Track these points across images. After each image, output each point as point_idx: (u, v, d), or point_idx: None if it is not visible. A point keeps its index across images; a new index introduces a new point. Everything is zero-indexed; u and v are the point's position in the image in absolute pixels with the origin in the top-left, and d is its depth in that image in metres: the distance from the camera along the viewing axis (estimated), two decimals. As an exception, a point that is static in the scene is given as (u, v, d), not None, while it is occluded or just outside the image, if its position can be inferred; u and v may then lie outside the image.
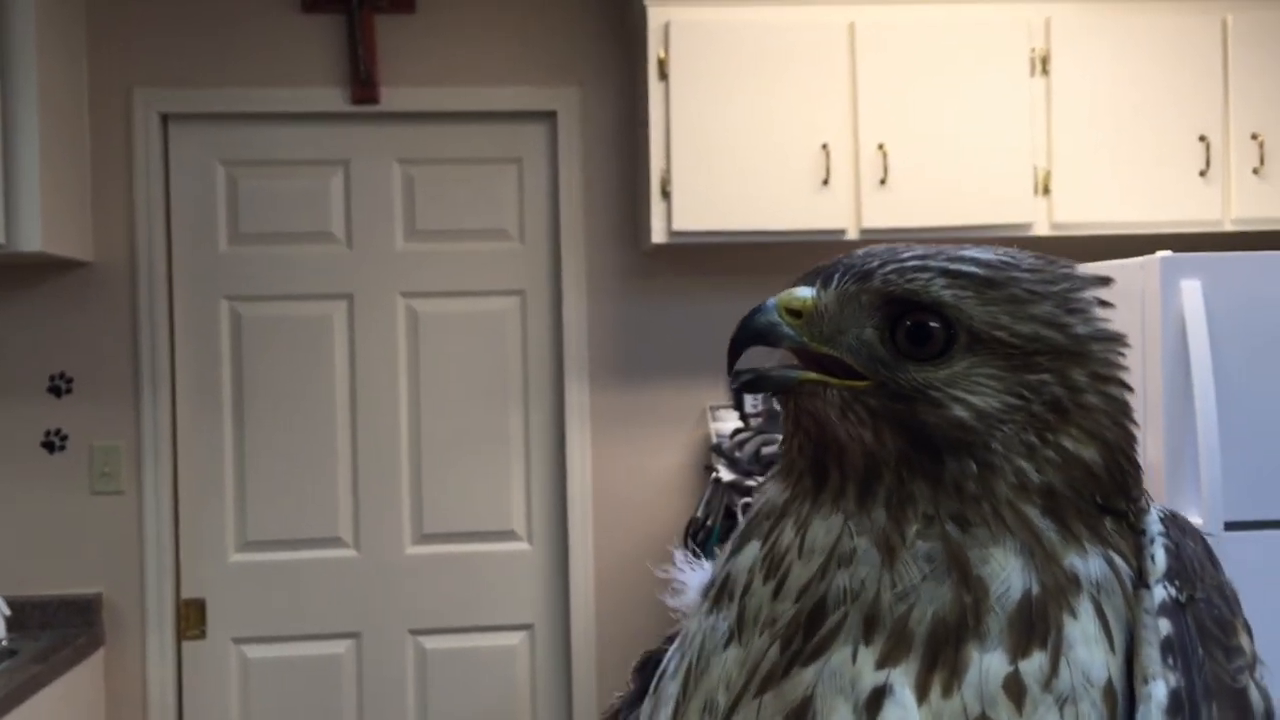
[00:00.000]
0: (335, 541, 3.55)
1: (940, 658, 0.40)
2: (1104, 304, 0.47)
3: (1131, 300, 2.71)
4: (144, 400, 3.45)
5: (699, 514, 3.42)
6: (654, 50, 3.25)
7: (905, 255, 0.44)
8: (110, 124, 3.47)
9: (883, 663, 0.40)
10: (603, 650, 3.59)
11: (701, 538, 3.38)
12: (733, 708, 0.43)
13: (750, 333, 0.47)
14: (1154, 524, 0.45)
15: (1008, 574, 0.41)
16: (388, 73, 3.53)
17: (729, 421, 3.55)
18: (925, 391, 0.43)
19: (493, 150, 3.62)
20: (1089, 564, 0.43)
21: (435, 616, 3.58)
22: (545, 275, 3.63)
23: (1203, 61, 3.36)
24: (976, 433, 0.42)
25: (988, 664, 0.40)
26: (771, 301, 0.46)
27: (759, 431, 3.40)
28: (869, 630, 0.41)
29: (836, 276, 0.45)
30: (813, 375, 0.45)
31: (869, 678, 0.40)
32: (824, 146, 3.24)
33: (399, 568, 3.57)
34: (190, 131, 3.53)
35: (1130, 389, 0.47)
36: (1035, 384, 0.44)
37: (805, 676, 0.41)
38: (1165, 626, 0.41)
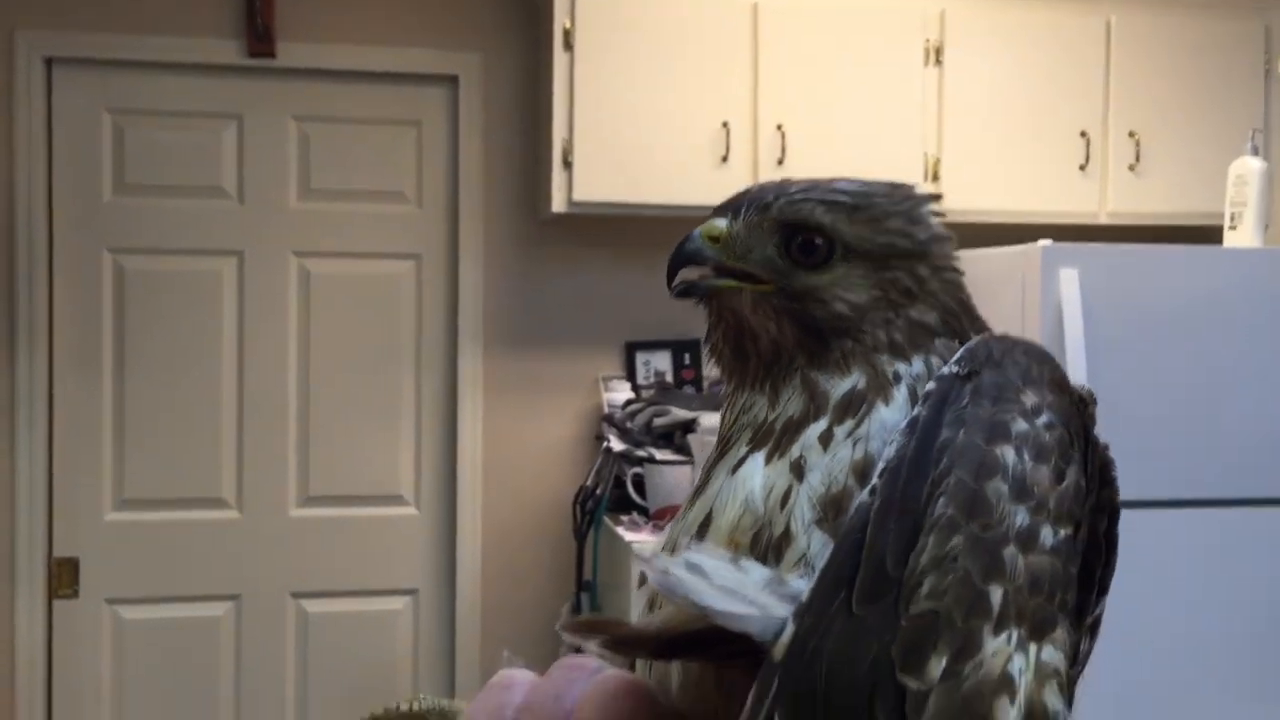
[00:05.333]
0: (217, 502, 3.49)
1: (785, 438, 0.54)
2: (937, 214, 0.60)
3: (1013, 286, 2.82)
4: (19, 353, 3.34)
5: (589, 483, 3.45)
6: (560, 20, 3.25)
7: (793, 190, 0.59)
8: (-10, 64, 3.33)
9: (752, 448, 0.55)
10: (487, 617, 3.61)
11: (591, 506, 3.41)
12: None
13: (682, 256, 0.61)
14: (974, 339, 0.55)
15: (843, 383, 0.55)
16: (285, 27, 3.46)
17: (621, 392, 3.59)
18: (814, 292, 0.58)
19: (392, 112, 3.58)
20: (912, 366, 0.56)
21: (318, 580, 3.54)
22: (442, 240, 3.61)
23: (1087, 60, 3.50)
24: (852, 320, 0.57)
25: (810, 430, 0.54)
26: (696, 232, 0.60)
27: (651, 403, 3.44)
28: (751, 434, 0.55)
29: (743, 209, 0.59)
30: (731, 282, 0.59)
31: (739, 454, 0.55)
32: (725, 124, 3.29)
33: (282, 530, 3.52)
34: (75, 76, 3.41)
35: (961, 273, 0.60)
36: (891, 280, 0.58)
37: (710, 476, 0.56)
38: (930, 385, 0.51)
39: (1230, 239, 2.96)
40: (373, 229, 3.57)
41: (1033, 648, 0.47)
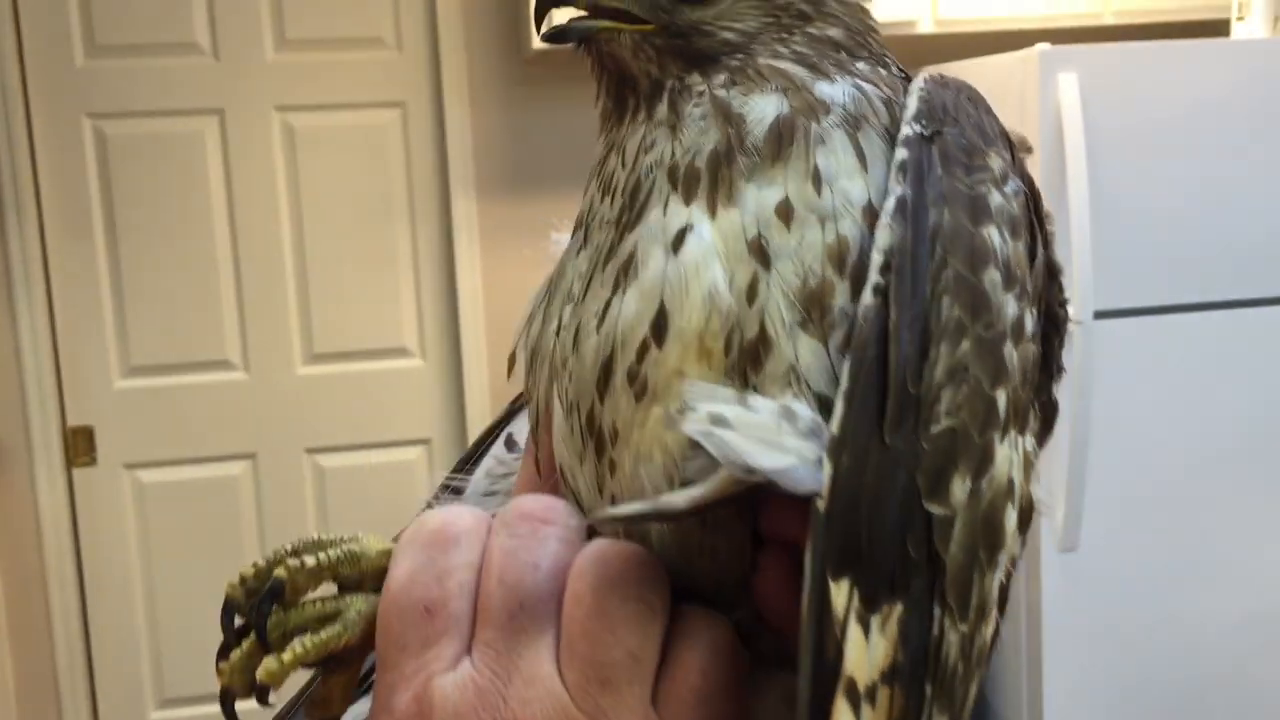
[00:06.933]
0: (224, 364, 3.50)
1: (718, 177, 0.48)
2: None
3: (1011, 95, 2.72)
4: (9, 226, 3.31)
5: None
6: None
7: None
8: (-58, -73, 3.21)
9: (685, 202, 0.49)
10: (501, 461, 3.64)
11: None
12: (587, 289, 0.51)
13: None
14: (917, 83, 0.51)
15: (762, 106, 0.50)
16: None
17: (619, 231, 3.54)
18: (699, 27, 0.52)
19: (363, -48, 3.44)
20: (835, 88, 0.51)
21: (331, 435, 3.58)
22: (425, 85, 3.51)
23: None
24: (742, 45, 0.52)
25: (763, 195, 0.48)
26: None
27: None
28: (672, 184, 0.49)
29: None
30: (608, 24, 0.53)
31: (675, 222, 0.48)
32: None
33: (291, 388, 3.54)
34: (33, -65, 3.28)
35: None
36: (785, 4, 0.53)
37: (631, 237, 0.49)
38: (902, 153, 0.47)
39: (1238, 31, 2.84)
40: (353, 78, 3.47)
41: (1020, 440, 0.47)
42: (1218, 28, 3.02)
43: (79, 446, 3.44)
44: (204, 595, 3.56)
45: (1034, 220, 0.51)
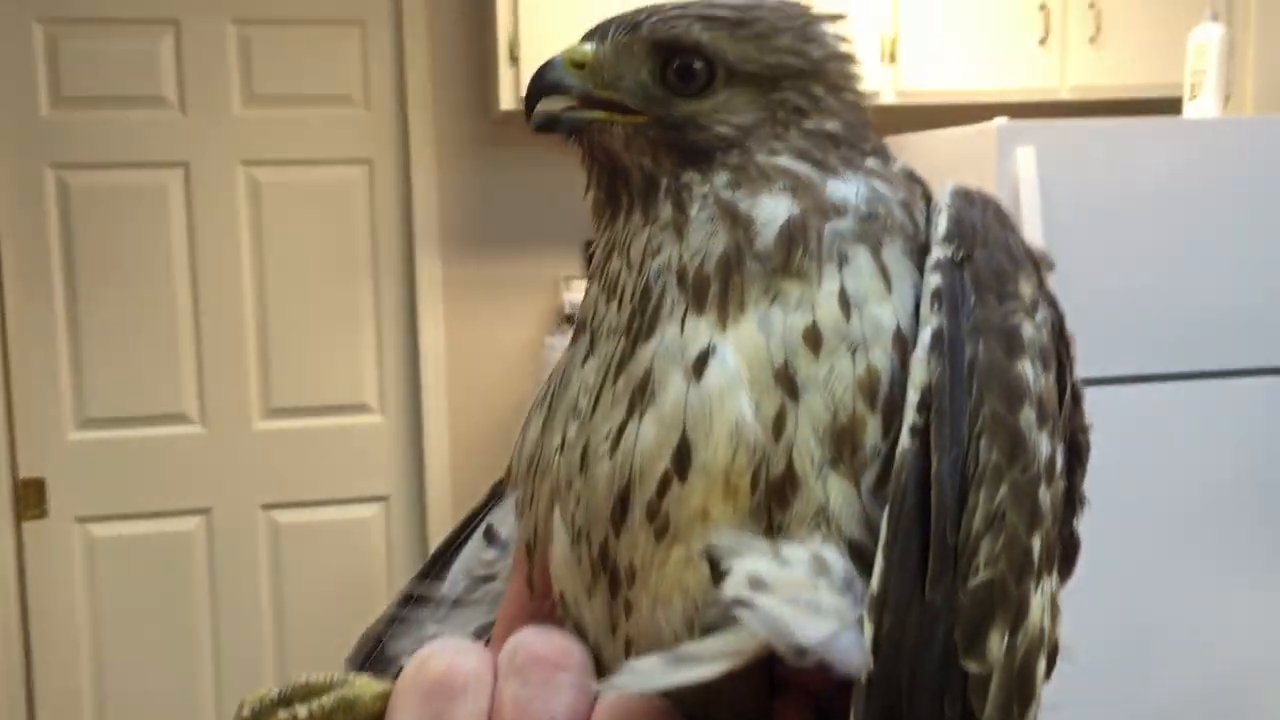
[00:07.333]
0: (180, 418, 3.47)
1: (729, 283, 0.46)
2: (839, 37, 0.54)
3: (971, 166, 2.77)
4: (-34, 275, 3.27)
5: (553, 383, 3.43)
6: (500, -93, 3.14)
7: (668, 7, 0.51)
8: (-89, -24, 3.21)
9: (699, 314, 0.46)
10: (459, 518, 3.61)
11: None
12: (595, 404, 0.48)
13: (542, 85, 0.52)
14: (944, 196, 0.49)
15: (771, 207, 0.48)
16: (218, -74, 3.33)
17: (582, 291, 3.54)
18: (694, 120, 0.50)
19: (333, 12, 3.47)
20: (847, 186, 0.49)
21: (288, 490, 3.54)
22: (393, 144, 3.53)
23: (1046, -70, 3.41)
24: (737, 139, 0.50)
25: (790, 319, 0.46)
26: (559, 58, 0.52)
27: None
28: (682, 289, 0.47)
29: (611, 30, 0.52)
30: (600, 114, 0.51)
31: (695, 343, 0.46)
32: (675, 11, 3.20)
33: (248, 443, 3.51)
34: (3, -14, 3.29)
35: (864, 95, 0.54)
36: (781, 100, 0.51)
37: (645, 353, 0.47)
38: (935, 280, 0.46)
39: (1190, 110, 2.92)
40: (321, 134, 3.49)
41: (1048, 584, 0.46)
42: (1171, 106, 3.10)
43: (29, 499, 3.38)
44: (153, 654, 3.50)
45: (1060, 346, 0.50)
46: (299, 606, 3.55)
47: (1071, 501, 0.51)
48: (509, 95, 3.18)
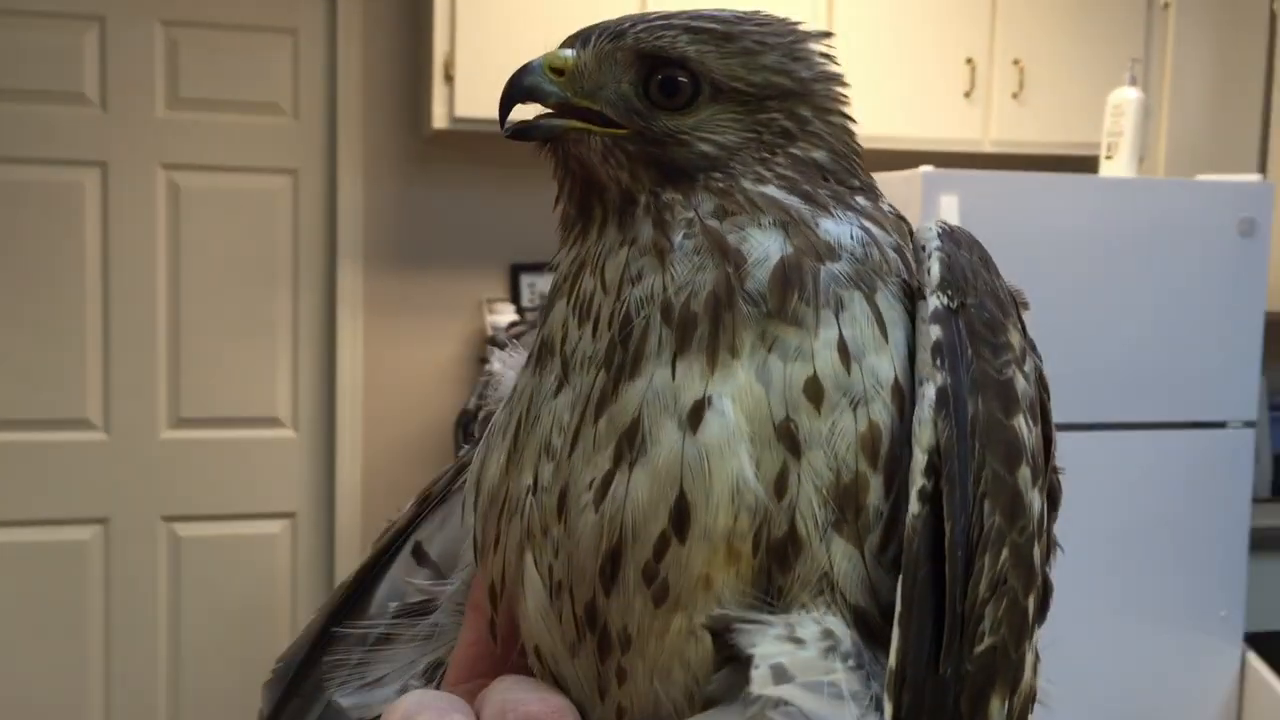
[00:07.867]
0: (82, 423, 3.37)
1: (719, 324, 0.44)
2: (827, 56, 0.52)
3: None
4: None
5: (471, 405, 3.40)
6: (441, -75, 3.13)
7: (653, 17, 0.49)
8: None
9: (686, 356, 0.44)
10: (368, 540, 3.56)
11: (473, 428, 3.37)
12: (574, 445, 0.46)
13: (518, 90, 0.51)
14: (931, 239, 0.48)
15: (764, 243, 0.46)
16: (151, -76, 3.28)
17: (505, 315, 3.53)
18: (675, 135, 0.48)
19: (265, 19, 3.42)
20: (840, 227, 0.47)
21: (191, 503, 3.45)
22: (320, 155, 3.49)
23: (975, -14, 3.50)
24: (719, 159, 0.48)
25: (790, 370, 0.44)
26: (538, 62, 0.50)
27: (535, 325, 3.39)
28: (667, 325, 0.45)
29: (594, 38, 0.50)
30: (577, 124, 0.49)
31: (689, 391, 0.43)
32: (611, 40, 3.21)
33: (152, 452, 3.41)
34: (-79, -30, 3.19)
35: (852, 119, 0.52)
36: (767, 121, 0.49)
37: (631, 396, 0.44)
38: (935, 332, 0.45)
39: (1106, 168, 3.00)
40: (246, 142, 3.43)
41: (1035, 636, 0.46)
42: (1088, 164, 3.19)
43: (-83, 501, 3.26)
44: (40, 668, 3.37)
45: (1043, 395, 0.50)
46: (197, 623, 3.46)
47: (1048, 548, 0.51)
48: (442, 113, 3.16)
